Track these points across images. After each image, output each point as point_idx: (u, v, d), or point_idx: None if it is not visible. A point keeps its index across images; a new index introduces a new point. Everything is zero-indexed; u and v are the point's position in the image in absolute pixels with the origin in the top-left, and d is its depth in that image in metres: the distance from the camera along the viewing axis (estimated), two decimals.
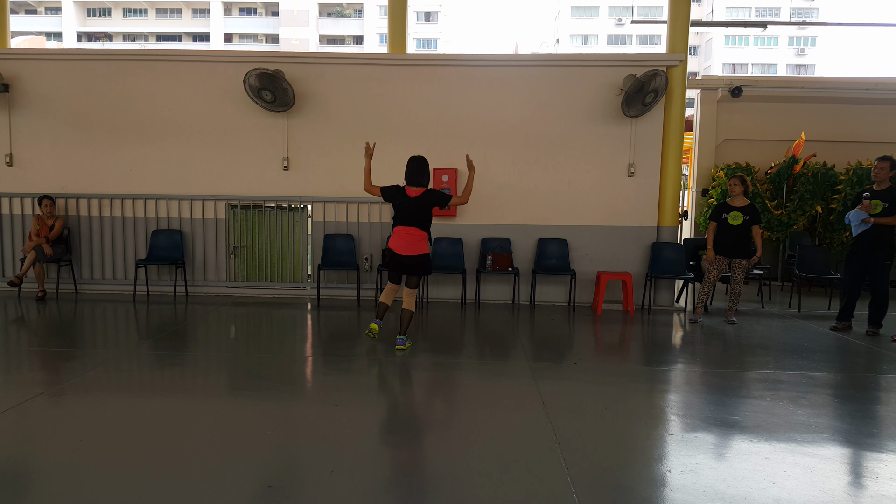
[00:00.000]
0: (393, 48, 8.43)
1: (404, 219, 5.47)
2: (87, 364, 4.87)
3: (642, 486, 2.93)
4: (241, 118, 8.21)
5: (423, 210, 5.47)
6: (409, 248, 5.42)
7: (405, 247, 5.42)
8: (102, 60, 8.24)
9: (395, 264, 5.50)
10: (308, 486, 2.88)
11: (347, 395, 4.23)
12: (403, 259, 5.45)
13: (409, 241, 5.42)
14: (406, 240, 5.42)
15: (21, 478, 2.91)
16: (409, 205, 5.45)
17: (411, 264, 5.46)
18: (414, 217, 5.44)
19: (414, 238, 5.43)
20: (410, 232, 5.43)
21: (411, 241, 5.42)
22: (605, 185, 8.14)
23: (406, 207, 5.46)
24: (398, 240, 5.45)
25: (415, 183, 5.48)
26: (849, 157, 10.63)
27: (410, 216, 5.44)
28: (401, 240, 5.43)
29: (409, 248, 5.42)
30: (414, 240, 5.43)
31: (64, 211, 8.38)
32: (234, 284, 8.44)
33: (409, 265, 5.46)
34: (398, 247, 5.44)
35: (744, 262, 7.05)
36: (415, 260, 5.45)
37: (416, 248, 5.43)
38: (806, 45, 54.68)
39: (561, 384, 4.61)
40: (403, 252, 5.43)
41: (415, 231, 5.44)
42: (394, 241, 5.47)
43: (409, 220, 5.45)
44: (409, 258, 5.43)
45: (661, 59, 7.91)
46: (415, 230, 5.44)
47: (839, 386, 4.72)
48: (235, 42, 55.37)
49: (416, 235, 5.44)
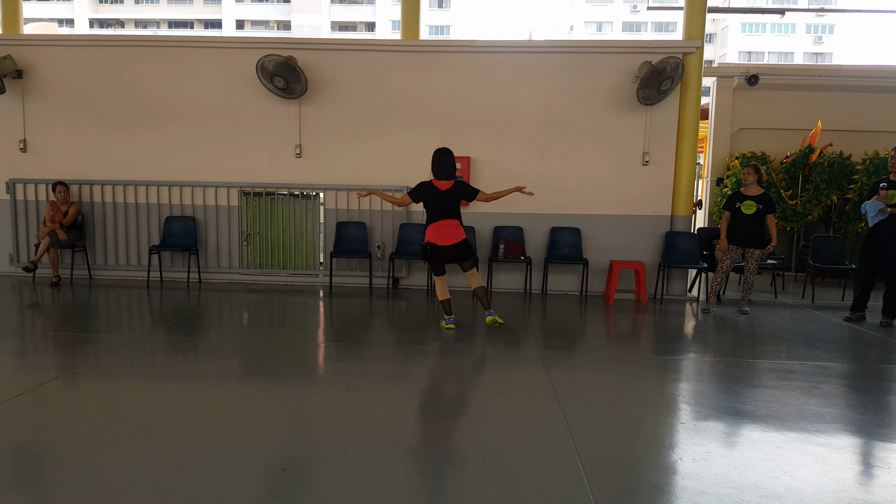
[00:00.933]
0: (406, 34, 8.39)
1: (438, 214, 5.63)
2: (101, 349, 4.92)
3: (653, 474, 2.94)
4: (253, 105, 8.22)
5: (455, 201, 5.66)
6: (448, 238, 5.60)
7: (444, 237, 5.60)
8: (115, 47, 8.26)
9: (439, 256, 5.67)
10: (320, 470, 2.90)
11: (359, 381, 4.25)
12: (446, 250, 5.62)
13: (446, 232, 5.61)
14: (443, 231, 5.60)
15: (37, 460, 2.96)
16: (441, 198, 5.61)
17: (455, 253, 5.65)
18: (447, 210, 5.63)
19: (450, 228, 5.62)
20: (446, 224, 5.61)
21: (449, 232, 5.61)
22: (619, 173, 8.09)
23: (439, 202, 5.62)
24: (436, 233, 5.61)
25: (444, 176, 5.62)
26: (865, 147, 10.50)
27: (443, 210, 5.62)
28: (438, 233, 5.60)
29: (448, 238, 5.60)
30: (451, 230, 5.62)
31: (78, 197, 8.44)
32: (247, 271, 8.48)
33: (454, 254, 5.65)
34: (438, 239, 5.61)
35: (757, 252, 7.00)
36: (457, 248, 5.64)
37: (454, 236, 5.62)
38: (824, 32, 53.95)
39: (573, 372, 4.61)
40: (444, 243, 5.60)
41: (450, 222, 5.63)
42: (432, 235, 5.62)
43: (443, 214, 5.62)
44: (451, 248, 5.62)
45: (678, 46, 7.83)
46: (451, 221, 5.63)
47: (852, 376, 4.69)
48: (247, 28, 55.38)
49: (452, 225, 5.63)
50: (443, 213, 5.63)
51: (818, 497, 2.76)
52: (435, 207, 5.65)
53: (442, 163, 5.62)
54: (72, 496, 2.62)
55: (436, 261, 5.72)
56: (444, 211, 5.63)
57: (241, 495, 2.65)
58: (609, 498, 2.70)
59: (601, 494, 2.73)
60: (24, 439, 3.18)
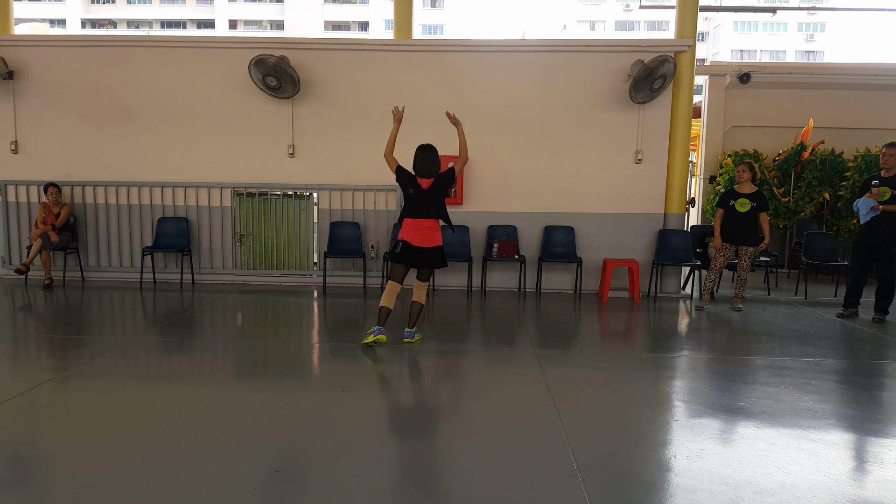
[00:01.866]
0: (399, 34, 8.39)
1: (416, 210, 5.25)
2: (94, 351, 4.90)
3: (648, 471, 2.94)
4: (246, 105, 8.20)
5: (436, 199, 5.27)
6: (424, 239, 5.20)
7: (420, 238, 5.20)
8: (107, 47, 8.22)
9: (409, 257, 5.22)
10: (315, 470, 2.90)
11: (354, 382, 4.25)
12: (419, 252, 5.21)
13: (424, 233, 5.21)
14: (421, 232, 5.20)
15: (30, 463, 2.94)
16: (422, 196, 5.24)
17: (427, 257, 5.24)
18: (428, 209, 5.24)
19: (428, 229, 5.23)
20: (424, 224, 5.22)
21: (426, 233, 5.22)
22: (612, 172, 8.10)
23: (419, 199, 5.25)
24: (411, 231, 5.21)
25: (425, 174, 5.27)
26: (857, 144, 10.55)
27: (423, 208, 5.24)
28: (415, 231, 5.21)
29: (424, 239, 5.20)
30: (429, 231, 5.23)
31: (70, 198, 8.40)
32: (241, 272, 8.46)
33: (425, 258, 5.24)
34: (414, 238, 5.20)
35: (750, 249, 7.03)
36: (431, 252, 5.25)
37: (430, 239, 5.23)
38: (815, 31, 54.16)
39: (567, 371, 4.61)
40: (419, 244, 5.19)
41: (429, 223, 5.24)
42: (406, 233, 5.22)
43: (422, 212, 5.24)
44: (425, 251, 5.21)
45: (670, 45, 7.85)
46: (428, 221, 5.24)
47: (845, 372, 4.71)
48: (240, 28, 55.22)
49: (431, 227, 5.25)
50: (421, 211, 5.23)
51: (812, 493, 2.77)
52: (414, 203, 5.26)
53: (424, 161, 5.26)
54: (65, 499, 2.61)
55: (404, 261, 5.24)
56: (422, 209, 5.23)
57: (235, 496, 2.64)
58: (603, 495, 2.70)
59: (595, 492, 2.73)
60: (18, 442, 3.16)
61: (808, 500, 2.71)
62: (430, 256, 5.26)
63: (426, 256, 5.24)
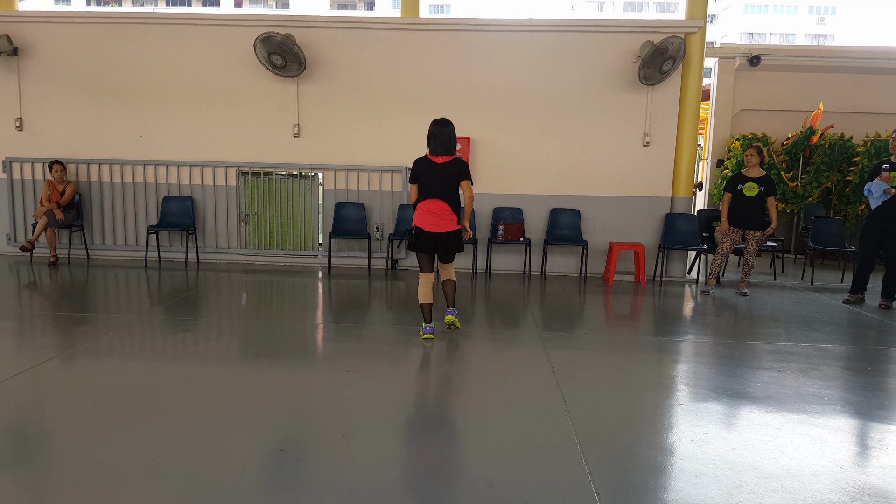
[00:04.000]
0: (405, 12, 8.30)
1: (429, 190, 4.80)
2: (99, 328, 4.92)
3: (652, 455, 2.94)
4: (251, 84, 8.14)
5: (451, 182, 4.80)
6: (438, 224, 4.77)
7: (434, 223, 4.77)
8: (112, 24, 8.16)
9: (425, 244, 4.82)
10: (319, 450, 2.91)
11: (358, 362, 4.25)
12: (434, 238, 4.80)
13: (438, 216, 4.77)
14: (433, 216, 4.78)
15: (36, 439, 2.95)
16: (435, 174, 4.78)
17: (444, 241, 4.82)
18: (441, 189, 4.78)
19: (442, 214, 4.78)
20: (438, 206, 4.77)
21: (441, 217, 4.78)
22: (619, 154, 8.04)
23: (431, 179, 4.79)
24: (425, 215, 4.79)
25: (440, 151, 4.81)
26: (867, 129, 10.44)
27: (434, 189, 4.78)
28: (428, 215, 4.79)
29: (438, 224, 4.77)
30: (442, 216, 4.78)
31: (75, 176, 8.39)
32: (245, 252, 8.46)
33: (442, 243, 4.82)
34: (427, 223, 4.78)
35: (757, 234, 6.99)
36: (448, 238, 4.82)
37: (446, 223, 4.79)
38: (826, 13, 53.47)
39: (571, 354, 4.61)
40: (433, 229, 4.77)
41: (441, 206, 4.78)
42: (420, 218, 4.81)
43: (435, 193, 4.78)
44: (440, 237, 4.80)
45: (680, 26, 7.74)
46: (442, 204, 4.78)
47: (850, 358, 4.69)
48: (245, 6, 54.74)
49: (444, 211, 4.78)
50: (433, 192, 4.77)
51: (816, 478, 2.76)
52: (425, 185, 4.80)
53: (440, 136, 4.79)
54: (70, 475, 2.62)
55: (422, 249, 4.84)
56: (434, 190, 4.77)
57: (240, 475, 2.65)
58: (607, 478, 2.70)
59: (599, 475, 2.73)
60: (23, 418, 3.18)
61: (813, 485, 2.70)
62: (447, 242, 4.85)
63: (441, 242, 4.83)
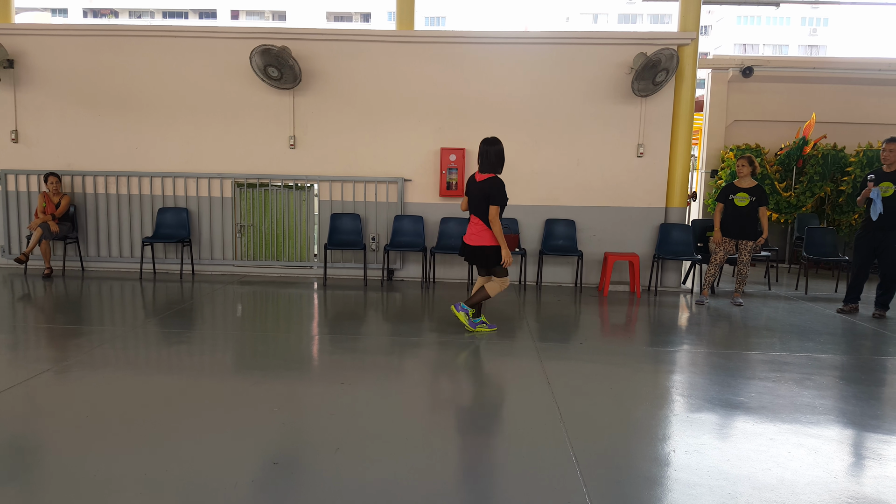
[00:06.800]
0: (401, 25, 8.34)
1: (470, 205, 5.27)
2: (93, 341, 4.90)
3: (646, 466, 2.94)
4: (247, 95, 8.17)
5: (481, 199, 5.15)
6: (469, 236, 5.27)
7: (468, 236, 5.28)
8: (108, 36, 8.19)
9: (461, 250, 5.37)
10: (313, 463, 2.90)
11: (353, 374, 4.24)
12: (465, 249, 5.31)
13: (471, 230, 5.26)
14: (470, 228, 5.27)
15: (29, 452, 2.94)
16: (473, 189, 5.20)
17: (469, 253, 5.29)
18: (475, 205, 5.20)
19: (473, 227, 5.25)
20: (473, 220, 5.25)
21: (470, 231, 5.26)
22: (614, 165, 8.08)
23: (471, 192, 5.23)
24: (467, 228, 5.33)
25: (485, 168, 5.18)
26: (859, 139, 10.53)
27: (473, 204, 5.23)
28: (468, 228, 5.31)
29: (469, 236, 5.27)
30: (472, 229, 5.25)
31: (70, 188, 8.38)
32: (241, 263, 8.45)
33: (472, 256, 5.28)
34: (466, 235, 5.32)
35: (751, 244, 7.02)
36: (473, 249, 5.25)
37: (475, 237, 5.23)
38: (818, 25, 53.89)
39: (566, 364, 4.61)
40: (466, 240, 5.29)
41: (474, 219, 5.24)
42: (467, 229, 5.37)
43: (472, 208, 5.24)
44: (469, 249, 5.27)
45: (673, 38, 7.81)
46: (474, 218, 5.24)
47: (845, 368, 4.70)
48: (242, 19, 54.97)
49: (476, 224, 5.23)
50: (471, 207, 5.25)
51: (810, 488, 2.77)
52: (468, 200, 5.29)
53: (484, 154, 5.15)
54: (63, 488, 2.61)
55: (461, 254, 5.40)
56: (472, 206, 5.23)
57: (233, 488, 2.64)
58: (602, 489, 2.70)
59: (594, 486, 2.73)
60: (16, 432, 3.16)
61: (807, 495, 2.70)
62: (472, 254, 5.27)
63: (472, 254, 5.27)
